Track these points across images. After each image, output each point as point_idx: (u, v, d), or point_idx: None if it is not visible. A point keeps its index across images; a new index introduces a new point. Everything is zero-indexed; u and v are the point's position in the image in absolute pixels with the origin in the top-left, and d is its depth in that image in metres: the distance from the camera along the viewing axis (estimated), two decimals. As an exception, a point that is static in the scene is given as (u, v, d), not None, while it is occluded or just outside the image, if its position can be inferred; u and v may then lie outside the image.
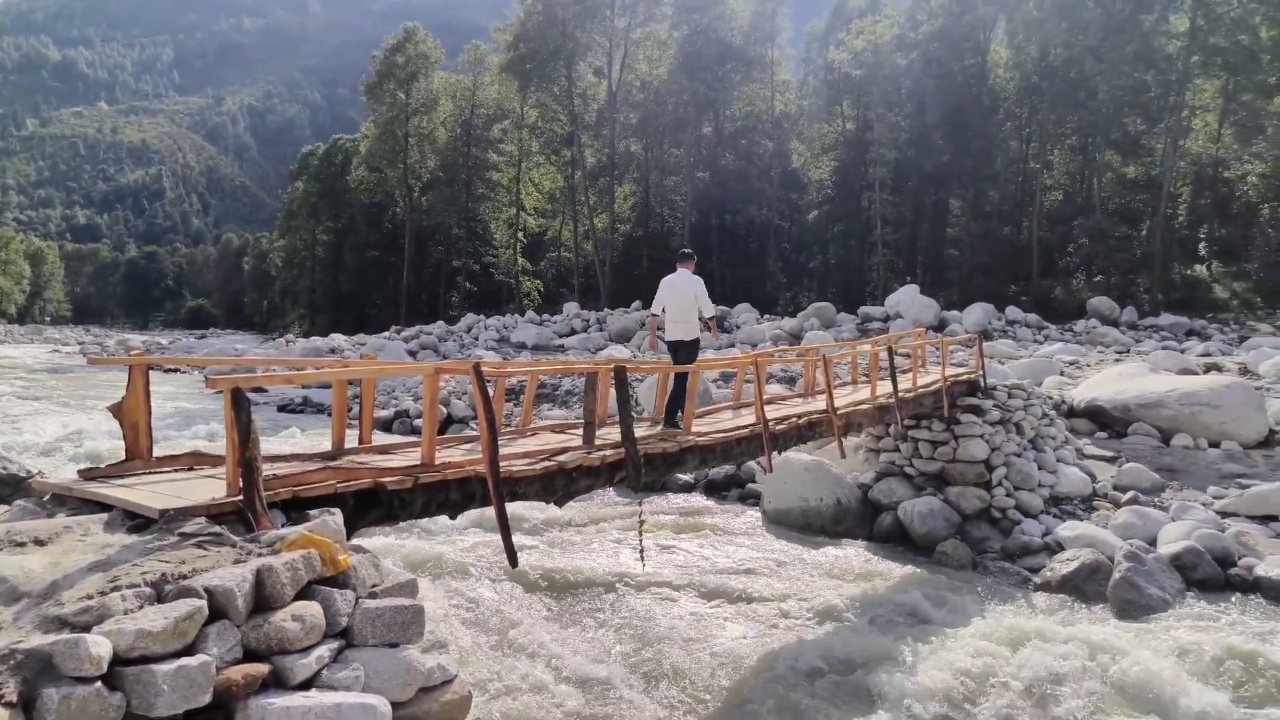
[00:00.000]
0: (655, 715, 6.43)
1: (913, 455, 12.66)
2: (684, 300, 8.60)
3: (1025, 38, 42.35)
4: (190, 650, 3.11)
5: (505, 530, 5.24)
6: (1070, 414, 15.84)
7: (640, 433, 7.26)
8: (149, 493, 4.52)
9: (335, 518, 4.29)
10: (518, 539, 5.58)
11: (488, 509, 5.42)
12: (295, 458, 5.78)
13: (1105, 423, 15.46)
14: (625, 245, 55.23)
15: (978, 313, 32.34)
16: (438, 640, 3.97)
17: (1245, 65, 35.03)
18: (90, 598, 3.14)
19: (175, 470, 5.30)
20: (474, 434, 7.23)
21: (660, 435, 7.62)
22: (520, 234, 58.32)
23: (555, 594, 9.10)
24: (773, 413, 9.08)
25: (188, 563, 3.49)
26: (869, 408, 10.56)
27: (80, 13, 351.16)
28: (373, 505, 4.97)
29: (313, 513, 4.41)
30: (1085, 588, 9.15)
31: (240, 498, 4.20)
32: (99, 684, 2.85)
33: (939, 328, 31.04)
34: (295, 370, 8.03)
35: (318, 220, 75.55)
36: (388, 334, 46.46)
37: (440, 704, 3.79)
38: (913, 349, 12.86)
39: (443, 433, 17.17)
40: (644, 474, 6.72)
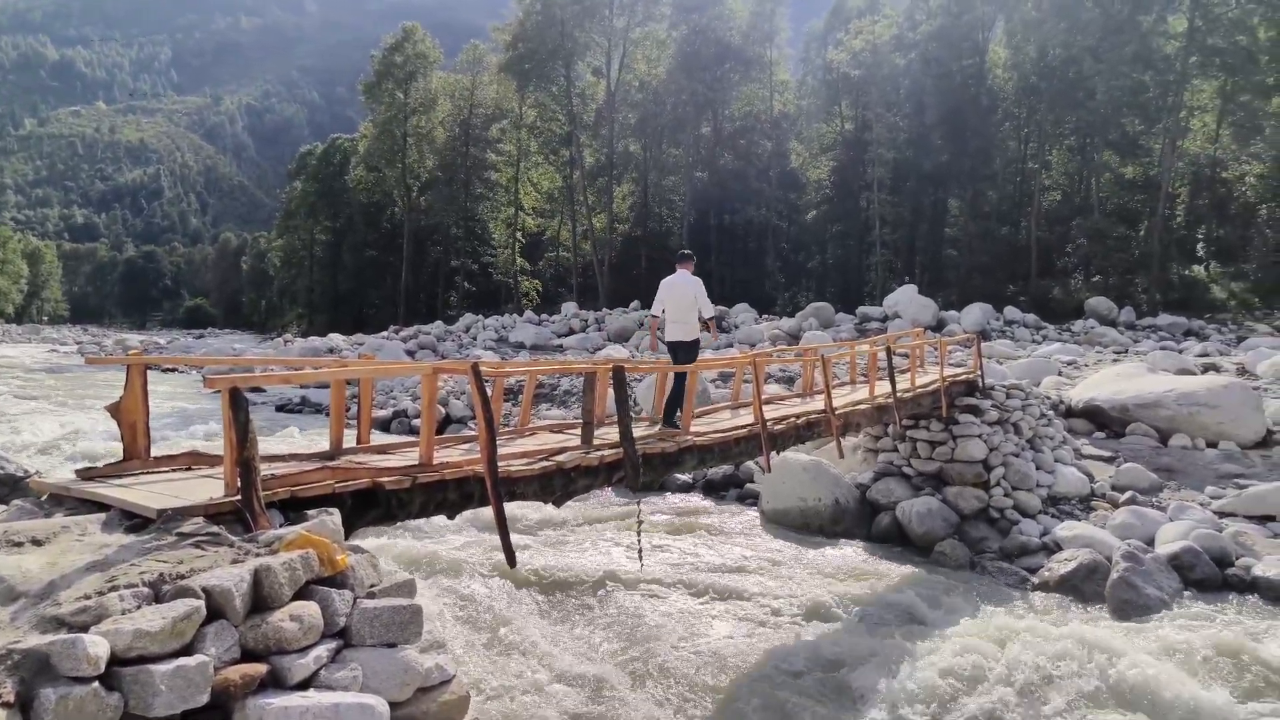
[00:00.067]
0: (651, 714, 6.43)
1: (911, 455, 12.66)
2: (683, 301, 8.61)
3: (1024, 38, 42.38)
4: (188, 650, 3.11)
5: (503, 530, 5.24)
6: (1068, 414, 15.85)
7: (639, 433, 7.26)
8: (147, 492, 4.52)
9: (333, 518, 4.29)
10: (516, 539, 5.58)
11: (486, 509, 5.42)
12: (293, 458, 5.77)
13: (1103, 423, 15.48)
14: (624, 245, 55.24)
15: (976, 313, 32.36)
16: (436, 640, 3.97)
17: (1243, 66, 35.07)
18: (88, 598, 3.13)
19: (173, 470, 5.30)
20: (472, 434, 7.23)
21: (659, 435, 7.62)
22: (519, 234, 58.31)
23: (553, 594, 9.10)
24: (771, 413, 9.09)
25: (185, 563, 3.49)
26: (867, 408, 10.57)
27: (78, 12, 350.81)
28: (371, 505, 4.97)
29: (311, 513, 4.41)
30: (1083, 588, 9.16)
31: (238, 498, 4.20)
32: (96, 684, 2.85)
33: (937, 328, 31.06)
34: (293, 370, 8.03)
35: (316, 220, 75.52)
36: (386, 334, 46.44)
37: (438, 704, 3.78)
38: (911, 349, 12.86)
39: (441, 432, 17.18)
40: (642, 474, 6.73)
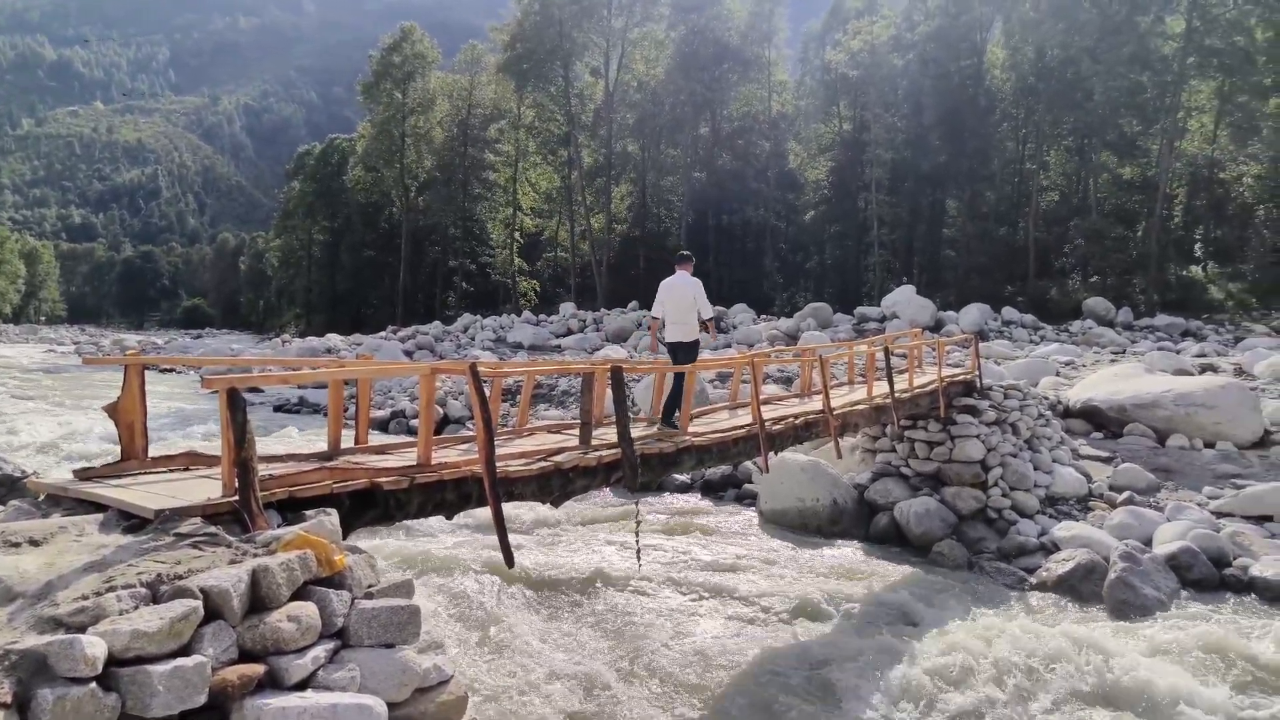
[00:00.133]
0: (646, 713, 6.43)
1: (909, 455, 12.67)
2: (683, 302, 8.62)
3: (1022, 39, 42.43)
4: (186, 651, 3.11)
5: (501, 530, 5.24)
6: (1066, 414, 15.87)
7: (637, 433, 7.26)
8: (144, 493, 4.51)
9: (331, 518, 4.28)
10: (514, 539, 5.58)
11: (484, 509, 5.41)
12: (291, 458, 5.76)
13: (1101, 423, 15.49)
14: (622, 245, 55.24)
15: (974, 313, 32.38)
16: (434, 640, 3.97)
17: (1241, 66, 35.11)
18: (85, 598, 3.13)
19: (171, 470, 5.29)
20: (470, 434, 7.23)
21: (657, 435, 7.62)
22: (517, 234, 58.30)
23: (551, 593, 9.09)
24: (769, 413, 9.09)
25: (183, 563, 3.49)
26: (865, 408, 10.57)
27: (76, 12, 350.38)
28: (369, 506, 4.96)
29: (309, 513, 4.41)
30: (1081, 588, 9.17)
31: (236, 498, 4.19)
32: (94, 684, 2.84)
33: (935, 328, 31.09)
34: (291, 370, 8.02)
35: (314, 220, 75.44)
36: (384, 334, 46.43)
37: (436, 704, 3.78)
38: (909, 349, 12.86)
39: (439, 433, 17.19)
40: (640, 474, 6.72)
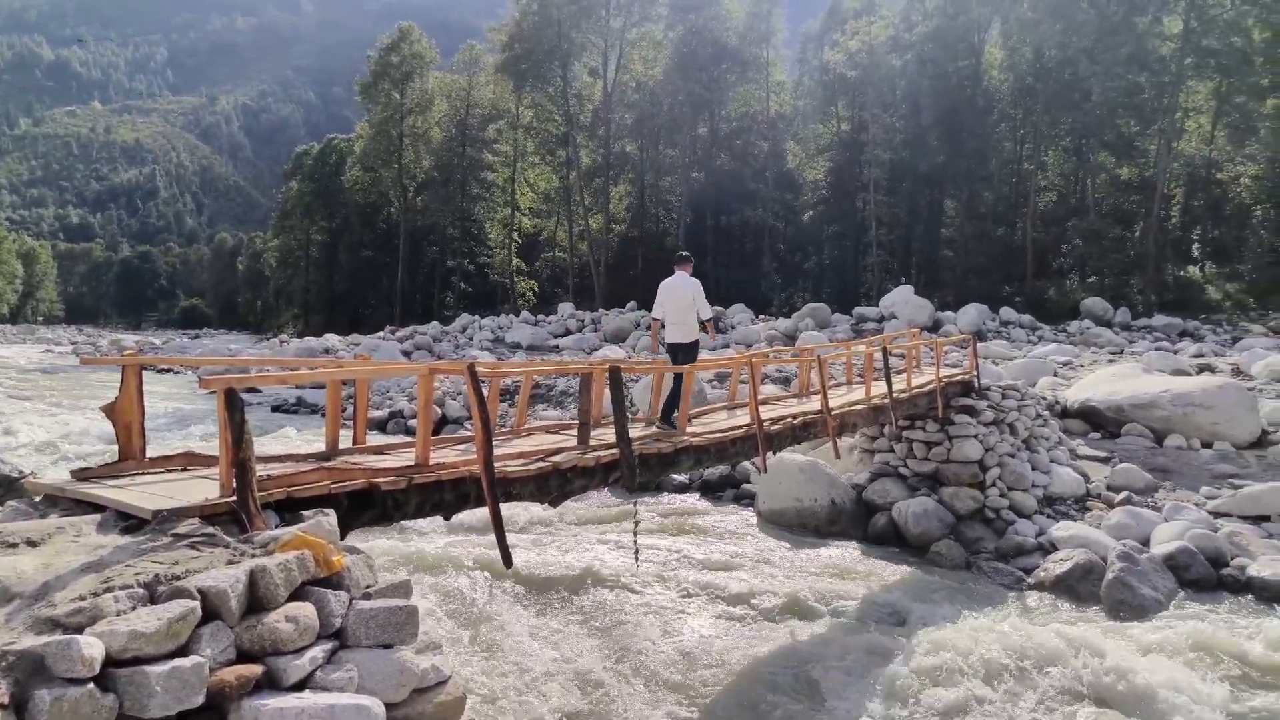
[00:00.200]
0: (642, 713, 6.43)
1: (907, 456, 12.67)
2: (682, 302, 8.62)
3: (1020, 39, 42.47)
4: (183, 651, 3.11)
5: (500, 531, 5.24)
6: (1064, 415, 15.88)
7: (635, 433, 7.26)
8: (142, 493, 4.51)
9: (329, 518, 4.28)
10: (511, 539, 5.57)
11: (482, 510, 5.41)
12: (289, 458, 5.76)
13: (1099, 423, 15.51)
14: (620, 246, 55.25)
15: (972, 313, 32.39)
16: (432, 641, 3.97)
17: (1238, 67, 35.17)
18: (83, 599, 3.13)
19: (168, 471, 5.29)
20: (469, 434, 7.22)
21: (655, 436, 7.62)
22: (515, 234, 58.31)
23: (549, 594, 9.09)
24: (767, 413, 9.09)
25: (181, 564, 3.49)
26: (864, 408, 10.57)
27: (73, 12, 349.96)
28: (367, 506, 4.96)
29: (306, 513, 4.41)
30: (1079, 588, 9.18)
31: (234, 498, 4.19)
32: (91, 685, 2.84)
33: (933, 328, 31.11)
34: (289, 370, 8.02)
35: (312, 220, 75.40)
36: (382, 334, 46.42)
37: (434, 705, 3.78)
38: (907, 349, 12.87)
39: (437, 433, 17.17)
40: (639, 474, 6.72)
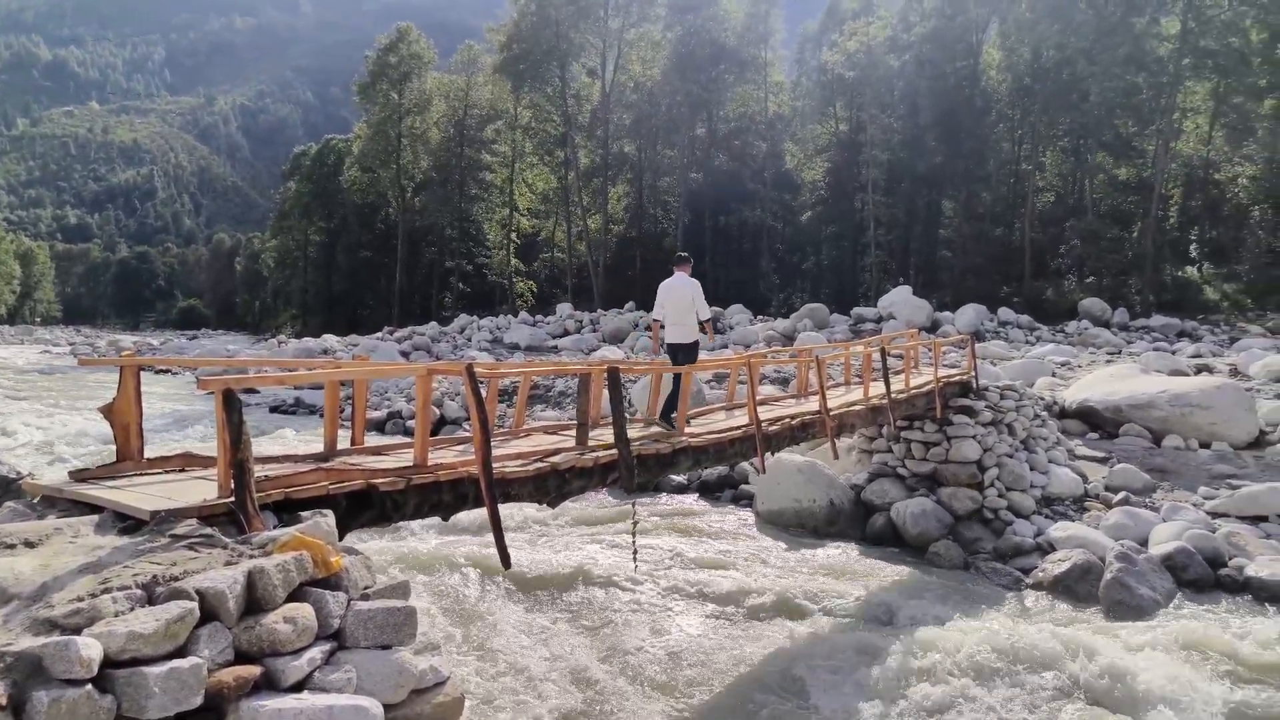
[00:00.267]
0: (640, 714, 6.43)
1: (905, 456, 12.68)
2: (681, 303, 8.63)
3: (1017, 39, 42.48)
4: (181, 652, 3.11)
5: (498, 531, 5.24)
6: (1062, 415, 15.89)
7: (634, 434, 7.26)
8: (140, 494, 4.51)
9: (327, 519, 4.28)
10: (509, 539, 5.57)
11: (481, 510, 5.41)
12: (287, 459, 5.76)
13: (1097, 424, 15.52)
14: (619, 246, 55.25)
15: (970, 314, 32.41)
16: (430, 642, 3.97)
17: (1236, 68, 35.21)
18: (81, 600, 3.13)
19: (166, 472, 5.28)
20: (467, 435, 7.22)
21: (653, 436, 7.61)
22: (513, 235, 58.28)
23: (546, 594, 9.09)
24: (766, 414, 9.09)
25: (179, 564, 3.48)
26: (862, 409, 10.58)
27: (71, 12, 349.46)
28: (365, 507, 4.96)
29: (305, 514, 4.41)
30: (1077, 588, 9.19)
31: (232, 499, 4.18)
32: (89, 686, 2.84)
33: (931, 329, 31.13)
34: (287, 371, 8.02)
35: (310, 221, 75.37)
36: (380, 335, 46.41)
37: (433, 705, 3.78)
38: (905, 350, 12.88)
39: (435, 434, 17.17)
40: (637, 475, 6.72)
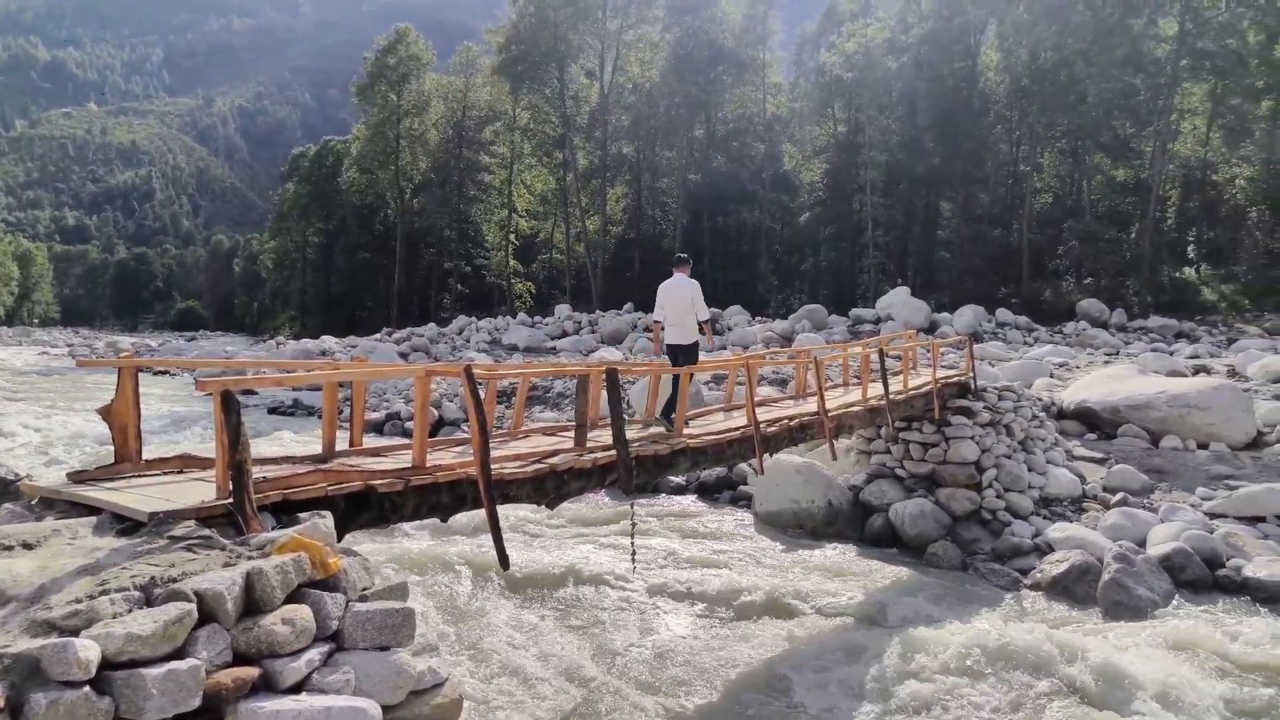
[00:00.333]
0: (637, 715, 6.43)
1: (904, 457, 12.69)
2: (681, 304, 8.64)
3: (1015, 41, 42.54)
4: (179, 654, 3.10)
5: (496, 533, 5.24)
6: (1060, 416, 15.91)
7: (632, 435, 7.26)
8: (138, 495, 4.51)
9: (326, 520, 4.28)
10: (507, 540, 5.57)
11: (479, 511, 5.41)
12: (285, 460, 5.76)
13: (1094, 424, 15.53)
14: (617, 247, 55.26)
15: (968, 315, 32.44)
16: (429, 643, 3.97)
17: (1233, 69, 35.27)
18: (79, 601, 3.12)
19: (164, 473, 5.28)
20: (465, 436, 7.22)
21: (652, 438, 7.62)
22: (512, 236, 58.26)
23: (544, 595, 9.09)
24: (764, 415, 9.10)
25: (177, 566, 3.48)
26: (860, 410, 10.59)
27: (70, 13, 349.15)
28: (364, 508, 4.96)
29: (303, 515, 4.40)
30: (1075, 589, 9.19)
31: (230, 500, 4.18)
32: (87, 688, 2.83)
33: (930, 330, 31.15)
34: (286, 373, 8.02)
35: (309, 222, 75.35)
36: (379, 336, 46.37)
37: (431, 707, 3.78)
38: (903, 351, 12.89)
39: (434, 435, 17.15)
40: (636, 476, 6.73)
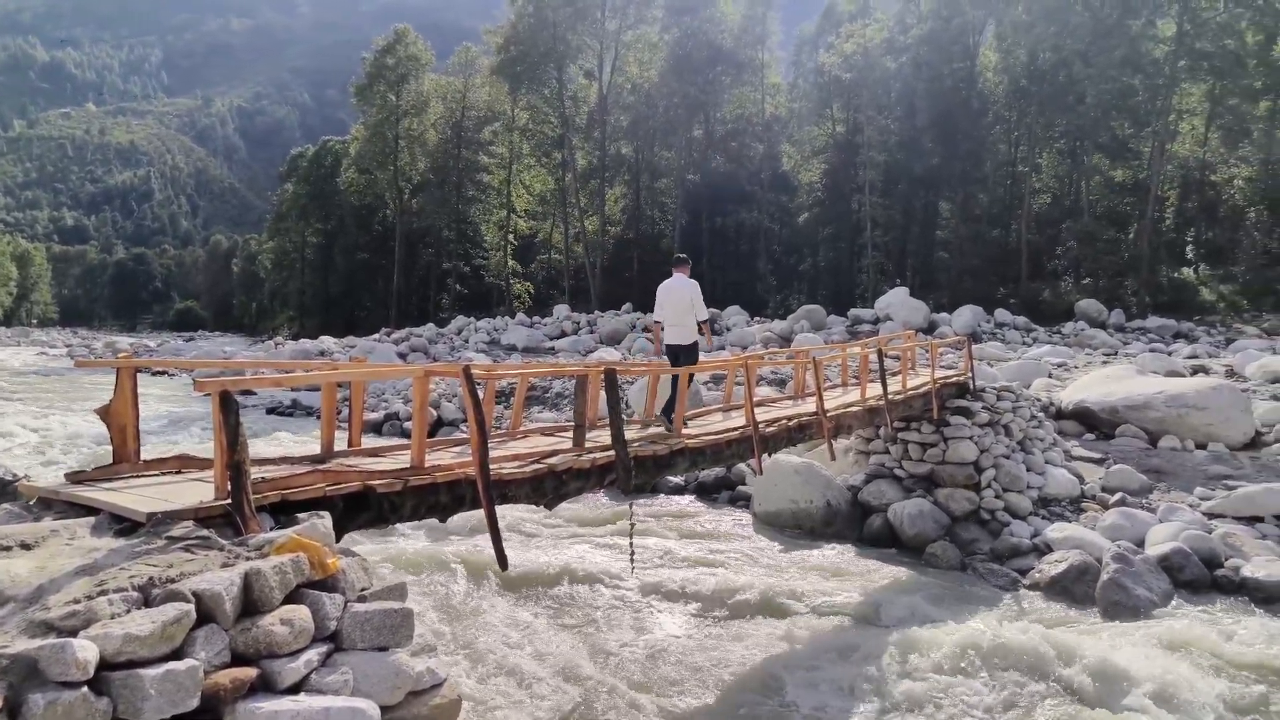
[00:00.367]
0: (635, 715, 6.43)
1: (902, 457, 12.69)
2: (680, 304, 8.64)
3: (1014, 41, 42.57)
4: (178, 654, 3.10)
5: (495, 533, 5.23)
6: (1058, 416, 15.91)
7: (631, 435, 7.26)
8: (136, 496, 4.50)
9: (324, 521, 4.28)
10: (506, 541, 5.57)
11: (478, 512, 5.41)
12: (284, 461, 5.75)
13: (1093, 424, 15.54)
14: (616, 248, 55.28)
15: (967, 315, 32.45)
16: (427, 644, 3.97)
17: (1231, 70, 35.33)
18: (77, 602, 3.12)
19: (163, 473, 5.27)
20: (464, 437, 7.22)
21: (651, 438, 7.61)
22: (511, 236, 58.27)
23: (542, 596, 9.09)
24: (763, 415, 9.09)
25: (175, 566, 3.48)
26: (859, 410, 10.59)
27: (68, 13, 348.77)
28: (362, 508, 4.95)
29: (301, 516, 4.40)
30: (1073, 589, 9.19)
31: (228, 501, 4.18)
32: (85, 689, 2.83)
33: (928, 330, 31.16)
34: (284, 373, 8.01)
35: (307, 222, 75.36)
36: (377, 336, 46.35)
37: (430, 707, 3.77)
38: (902, 351, 12.90)
39: (433, 435, 17.13)
40: (634, 476, 6.72)
